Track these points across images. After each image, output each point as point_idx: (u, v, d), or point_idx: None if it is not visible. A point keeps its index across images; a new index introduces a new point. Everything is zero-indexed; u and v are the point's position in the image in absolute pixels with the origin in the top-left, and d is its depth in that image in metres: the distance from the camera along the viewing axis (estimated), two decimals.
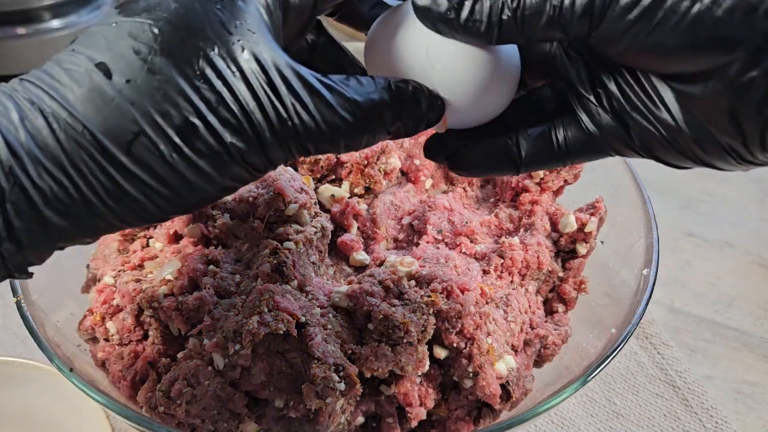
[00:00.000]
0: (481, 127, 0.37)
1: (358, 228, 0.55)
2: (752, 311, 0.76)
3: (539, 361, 0.50)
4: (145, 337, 0.47)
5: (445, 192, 0.60)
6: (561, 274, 0.53)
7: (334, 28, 0.89)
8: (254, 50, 0.29)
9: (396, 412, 0.45)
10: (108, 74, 0.28)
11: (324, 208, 0.55)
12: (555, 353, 0.50)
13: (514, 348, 0.47)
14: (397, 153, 0.59)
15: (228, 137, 0.29)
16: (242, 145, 0.29)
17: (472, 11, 0.32)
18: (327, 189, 0.57)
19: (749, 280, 0.79)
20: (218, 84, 0.28)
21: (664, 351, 0.69)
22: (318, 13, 0.35)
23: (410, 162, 0.59)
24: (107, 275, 0.49)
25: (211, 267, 0.47)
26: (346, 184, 0.57)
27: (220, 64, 0.28)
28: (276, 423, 0.43)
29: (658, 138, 0.33)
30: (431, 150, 0.39)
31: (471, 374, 0.44)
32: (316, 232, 0.50)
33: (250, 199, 0.49)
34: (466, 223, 0.55)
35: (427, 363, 0.44)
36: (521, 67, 0.36)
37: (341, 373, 0.41)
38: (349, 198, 0.56)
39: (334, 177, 0.59)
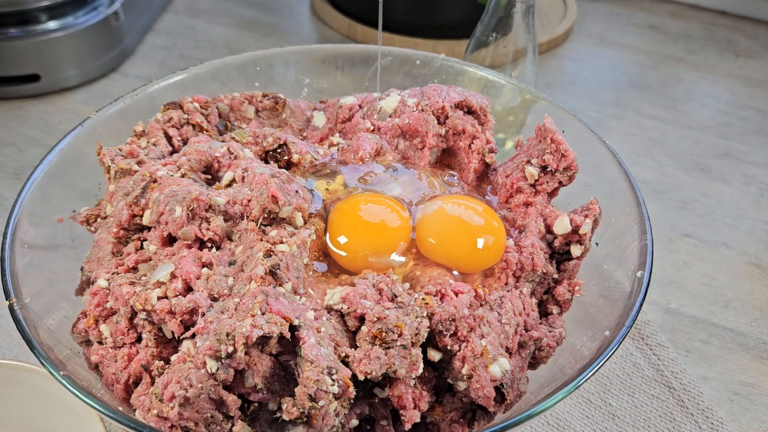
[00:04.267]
0: None
1: None
2: (748, 312, 0.76)
3: (534, 363, 0.50)
4: (139, 339, 0.47)
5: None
6: (555, 276, 0.53)
7: (332, 28, 0.88)
8: None
9: (390, 415, 0.45)
10: None
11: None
12: (549, 355, 0.50)
13: (508, 350, 0.47)
14: (392, 155, 0.59)
15: None
16: None
17: None
18: (321, 184, 0.57)
19: (745, 281, 0.79)
20: None
21: (659, 352, 0.69)
22: None
23: (405, 164, 0.59)
24: (101, 278, 0.49)
25: (205, 270, 0.47)
26: (341, 177, 0.57)
27: None
28: (269, 426, 0.43)
29: None
30: None
31: (465, 377, 0.44)
32: (310, 235, 0.50)
33: (244, 201, 0.49)
34: None
35: (421, 366, 0.43)
36: None
37: (334, 376, 0.41)
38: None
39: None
